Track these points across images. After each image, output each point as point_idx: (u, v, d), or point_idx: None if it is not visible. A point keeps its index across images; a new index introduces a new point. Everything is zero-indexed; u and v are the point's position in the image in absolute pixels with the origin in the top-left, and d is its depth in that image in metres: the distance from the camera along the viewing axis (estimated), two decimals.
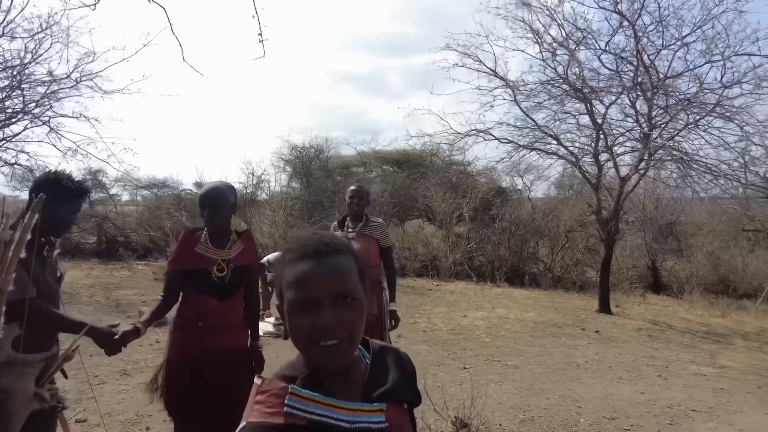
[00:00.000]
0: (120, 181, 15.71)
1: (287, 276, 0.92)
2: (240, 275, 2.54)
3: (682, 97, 8.16)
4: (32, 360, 1.91)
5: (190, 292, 2.49)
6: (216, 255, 2.51)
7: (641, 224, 13.68)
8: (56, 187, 2.02)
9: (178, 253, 2.55)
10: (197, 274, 2.47)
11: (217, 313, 2.45)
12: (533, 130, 9.65)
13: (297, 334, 0.90)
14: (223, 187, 2.57)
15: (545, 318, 8.29)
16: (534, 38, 8.91)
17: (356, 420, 0.89)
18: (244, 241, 2.62)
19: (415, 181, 16.28)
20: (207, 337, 2.42)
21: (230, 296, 2.51)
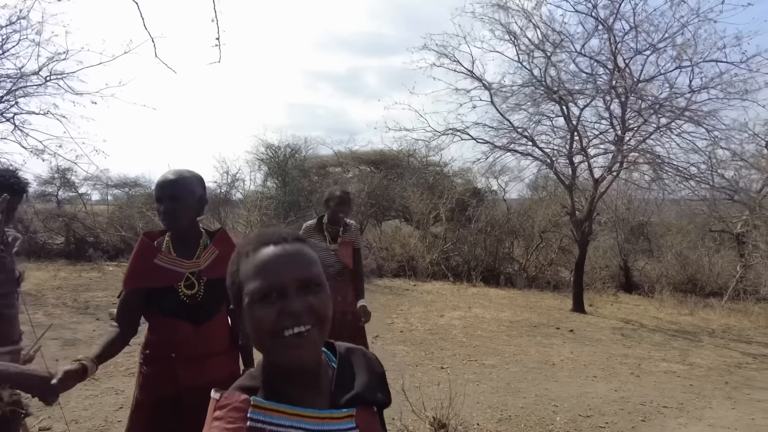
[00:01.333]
0: (90, 180, 15.30)
1: (247, 268, 0.85)
2: (216, 290, 1.88)
3: (654, 100, 8.35)
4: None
5: (156, 317, 1.93)
6: (181, 267, 1.93)
7: (613, 225, 13.97)
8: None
9: (132, 268, 1.94)
10: (161, 294, 1.90)
11: (193, 341, 1.91)
12: (509, 131, 9.74)
13: (259, 327, 0.82)
14: (188, 174, 1.95)
15: (521, 317, 8.37)
16: (511, 40, 9.00)
17: (325, 429, 0.84)
18: (218, 244, 2.01)
19: (392, 182, 16.29)
20: (184, 372, 1.89)
21: (208, 318, 1.94)
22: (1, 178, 1.98)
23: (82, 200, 15.08)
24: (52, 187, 16.43)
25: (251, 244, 0.88)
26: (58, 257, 12.34)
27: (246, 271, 0.85)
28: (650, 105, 8.30)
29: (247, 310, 0.84)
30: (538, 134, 9.83)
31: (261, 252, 0.85)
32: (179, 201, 1.88)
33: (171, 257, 1.93)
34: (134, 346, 2.02)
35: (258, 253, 0.85)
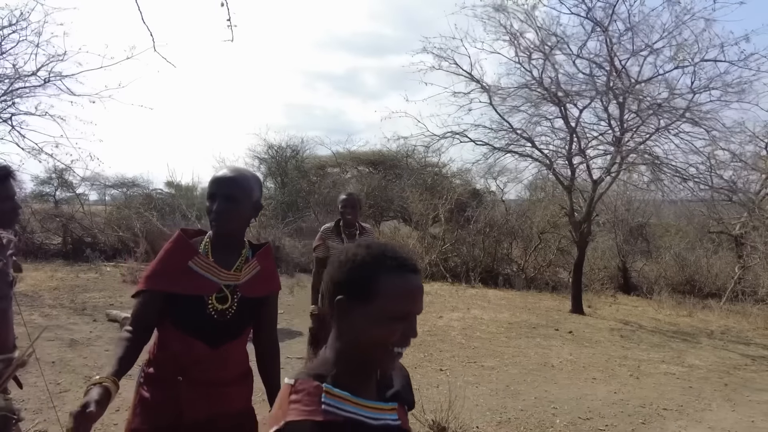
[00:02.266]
0: (87, 181, 15.25)
1: (392, 284, 0.96)
2: (249, 311, 1.72)
3: (652, 101, 8.35)
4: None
5: (169, 330, 1.67)
6: (218, 276, 1.67)
7: (612, 226, 13.97)
8: None
9: (159, 266, 1.69)
10: (186, 303, 1.64)
11: (206, 364, 1.65)
12: (508, 133, 9.73)
13: (381, 338, 0.96)
14: (247, 174, 1.75)
15: (519, 319, 8.35)
16: (510, 41, 8.99)
17: (378, 417, 0.97)
18: (262, 260, 1.77)
19: (391, 182, 16.29)
20: (190, 400, 1.63)
21: (229, 341, 1.69)
22: None
23: (79, 200, 15.03)
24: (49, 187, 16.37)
25: (395, 261, 0.99)
26: (55, 258, 12.30)
27: (390, 286, 0.96)
28: (648, 106, 8.29)
29: (379, 319, 0.96)
30: (537, 135, 9.83)
31: (408, 277, 0.99)
32: (235, 202, 1.66)
33: (208, 263, 1.67)
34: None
35: (406, 276, 0.98)
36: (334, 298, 1.00)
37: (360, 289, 0.97)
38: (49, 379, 4.30)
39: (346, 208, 3.67)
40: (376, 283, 0.96)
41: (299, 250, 12.48)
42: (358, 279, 0.98)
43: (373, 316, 0.96)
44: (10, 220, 2.02)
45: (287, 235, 13.19)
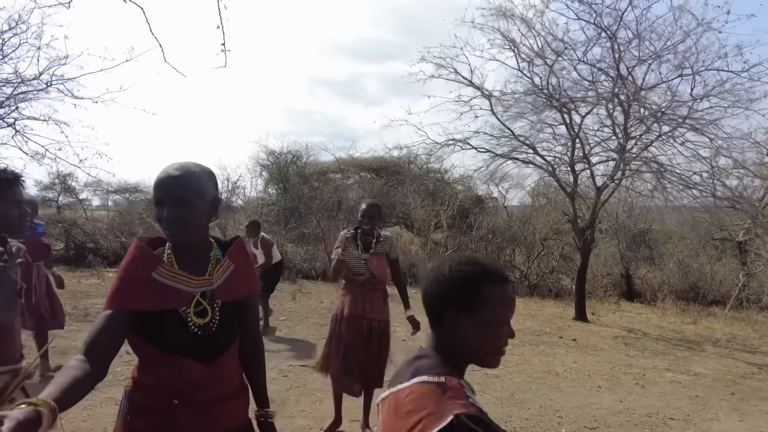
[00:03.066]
0: (90, 186, 15.30)
1: (499, 296, 1.11)
2: (233, 316, 1.55)
3: (656, 108, 8.34)
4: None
5: (153, 353, 1.46)
6: (189, 285, 1.48)
7: (615, 232, 13.94)
8: None
9: (122, 282, 1.45)
10: (161, 321, 1.44)
11: (202, 383, 1.48)
12: (510, 140, 9.73)
13: (496, 342, 1.12)
14: (196, 169, 1.49)
15: (523, 326, 8.31)
16: (511, 48, 9.00)
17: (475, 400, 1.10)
18: (234, 258, 1.60)
19: (393, 188, 16.28)
20: (189, 423, 1.47)
21: (222, 353, 1.52)
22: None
23: (82, 206, 15.06)
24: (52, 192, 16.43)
25: (496, 274, 1.13)
26: (57, 263, 12.22)
27: (495, 297, 1.10)
28: (652, 113, 8.28)
29: (488, 326, 1.11)
30: (539, 142, 9.82)
31: (508, 287, 1.13)
32: (187, 206, 1.43)
33: (175, 272, 1.47)
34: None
35: (506, 287, 1.13)
36: (440, 311, 1.13)
37: (468, 302, 1.10)
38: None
39: (364, 218, 3.70)
40: (483, 295, 1.10)
41: (301, 256, 12.45)
42: (467, 293, 1.11)
43: (483, 324, 1.10)
44: (18, 225, 1.99)
45: (289, 241, 13.17)
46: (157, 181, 1.46)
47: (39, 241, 4.72)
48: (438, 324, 1.14)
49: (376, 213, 3.74)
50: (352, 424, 3.99)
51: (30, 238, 4.38)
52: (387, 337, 3.76)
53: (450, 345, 1.14)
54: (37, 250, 4.56)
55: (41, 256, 4.71)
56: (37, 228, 4.77)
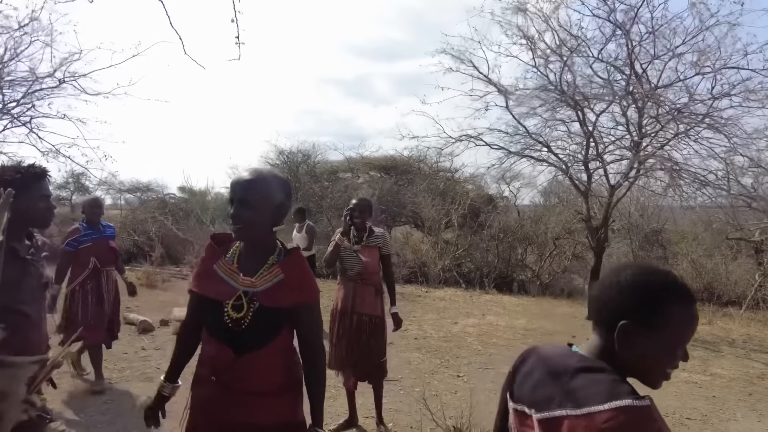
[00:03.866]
0: (103, 185, 15.42)
1: (682, 314, 1.02)
2: (268, 321, 1.64)
3: (672, 107, 8.25)
4: (22, 362, 1.77)
5: (204, 333, 1.74)
6: (236, 282, 1.66)
7: (627, 232, 13.82)
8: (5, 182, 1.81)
9: (198, 268, 1.80)
10: (209, 307, 1.69)
11: (233, 371, 1.64)
12: (524, 137, 9.68)
13: (666, 364, 1.06)
14: (268, 176, 1.67)
15: (536, 325, 8.27)
16: (528, 44, 8.95)
17: None
18: (286, 268, 1.68)
19: (403, 187, 16.25)
20: (221, 403, 1.66)
21: (253, 350, 1.63)
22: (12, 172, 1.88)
23: None
24: (66, 191, 16.61)
25: (683, 290, 1.04)
26: None
27: (681, 316, 1.02)
28: (668, 111, 8.19)
29: (666, 347, 1.03)
30: (553, 140, 9.77)
31: (694, 307, 1.05)
32: (250, 207, 1.60)
33: (230, 267, 1.69)
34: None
35: (692, 306, 1.04)
36: (613, 321, 1.04)
37: (650, 317, 1.01)
38: (67, 383, 4.32)
39: (353, 212, 3.78)
40: (668, 312, 1.01)
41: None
42: (649, 306, 1.02)
43: (661, 343, 1.02)
44: (46, 219, 2.00)
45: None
46: (232, 181, 1.67)
47: (107, 244, 4.42)
48: (607, 331, 1.05)
49: (365, 208, 3.83)
50: (366, 420, 3.99)
51: (97, 242, 4.26)
52: (380, 333, 3.75)
53: (621, 357, 1.04)
54: (105, 254, 4.34)
55: (110, 261, 4.42)
56: (105, 230, 4.44)
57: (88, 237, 4.24)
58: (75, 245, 4.19)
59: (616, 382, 0.99)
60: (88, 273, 4.21)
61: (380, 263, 3.84)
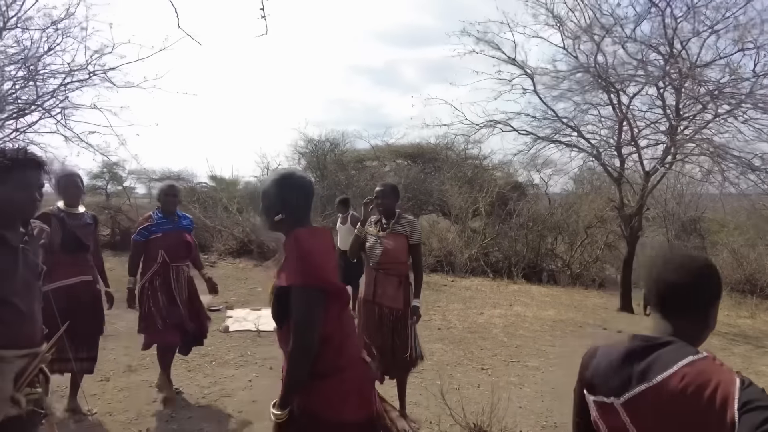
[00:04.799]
0: (134, 174, 15.74)
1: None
2: (278, 301, 1.75)
3: (713, 86, 7.75)
4: (9, 356, 1.71)
5: None
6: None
7: (663, 220, 13.29)
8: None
9: None
10: None
11: (280, 346, 1.91)
12: (553, 122, 9.32)
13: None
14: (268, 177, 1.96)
15: (565, 316, 8.01)
16: (556, 25, 8.56)
17: None
18: (285, 249, 1.81)
19: (430, 175, 16.04)
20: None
21: (278, 327, 1.82)
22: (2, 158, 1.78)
23: (126, 193, 15.54)
24: (101, 181, 17.03)
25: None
26: (104, 248, 12.69)
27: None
28: (709, 91, 7.70)
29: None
30: (584, 124, 9.38)
31: None
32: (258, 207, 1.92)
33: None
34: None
35: None
36: (706, 304, 1.21)
37: (719, 294, 1.23)
38: None
39: (377, 199, 3.67)
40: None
41: None
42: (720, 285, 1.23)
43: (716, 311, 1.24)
44: (27, 210, 1.88)
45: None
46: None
47: (181, 237, 3.94)
48: (689, 313, 1.21)
49: (389, 193, 3.67)
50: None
51: (169, 233, 3.83)
52: (402, 327, 3.56)
53: (698, 333, 1.21)
54: (177, 247, 3.87)
55: (182, 256, 3.93)
56: (181, 221, 3.99)
57: (160, 227, 3.83)
58: (145, 235, 3.81)
59: (682, 347, 1.12)
60: (156, 268, 3.79)
61: (408, 252, 3.64)
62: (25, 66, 9.29)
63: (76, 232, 3.44)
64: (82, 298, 3.45)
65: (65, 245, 3.34)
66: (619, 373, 1.17)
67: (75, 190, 3.51)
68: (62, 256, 3.29)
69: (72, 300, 3.29)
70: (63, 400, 3.53)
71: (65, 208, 3.47)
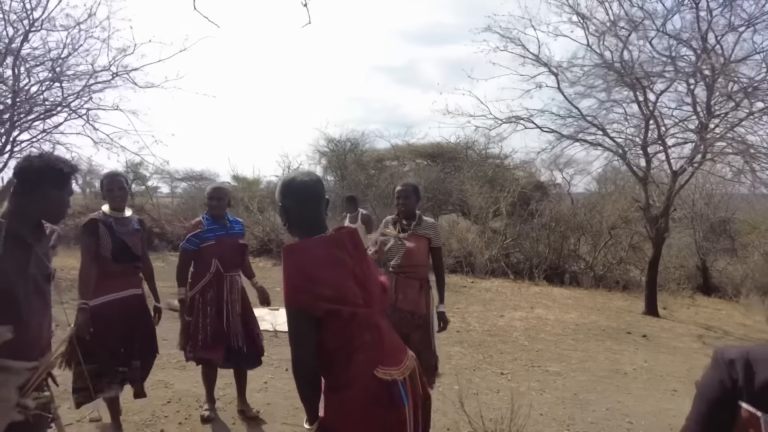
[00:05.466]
0: (157, 174, 15.98)
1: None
2: None
3: (747, 83, 7.43)
4: (17, 368, 1.68)
5: None
6: None
7: (690, 221, 12.89)
8: (49, 171, 1.80)
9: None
10: None
11: None
12: (577, 120, 9.10)
13: None
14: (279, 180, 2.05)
15: (588, 320, 7.81)
16: (580, 22, 8.35)
17: None
18: None
19: (450, 175, 15.89)
20: None
21: None
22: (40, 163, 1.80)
23: (149, 192, 15.78)
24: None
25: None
26: None
27: None
28: (743, 88, 7.39)
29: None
30: (609, 123, 9.13)
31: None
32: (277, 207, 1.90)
33: None
34: None
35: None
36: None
37: None
38: None
39: (399, 199, 3.58)
40: None
41: None
42: None
43: None
44: (60, 215, 1.91)
45: None
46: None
47: (234, 243, 3.60)
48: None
49: (410, 192, 3.55)
50: None
51: (222, 240, 3.51)
52: (424, 333, 3.45)
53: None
54: (231, 255, 3.55)
55: (236, 264, 3.61)
56: (233, 226, 3.65)
57: (212, 234, 3.49)
58: (196, 243, 3.48)
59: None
60: (209, 278, 3.48)
61: (429, 255, 3.56)
62: (51, 68, 9.48)
63: (125, 240, 3.15)
64: (136, 313, 3.21)
65: (116, 255, 3.09)
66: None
67: (120, 192, 3.19)
68: (112, 267, 3.07)
69: (126, 315, 3.12)
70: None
71: (111, 212, 3.17)
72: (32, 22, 8.89)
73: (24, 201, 1.79)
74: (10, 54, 8.83)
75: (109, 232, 3.10)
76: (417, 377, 1.80)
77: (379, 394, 1.66)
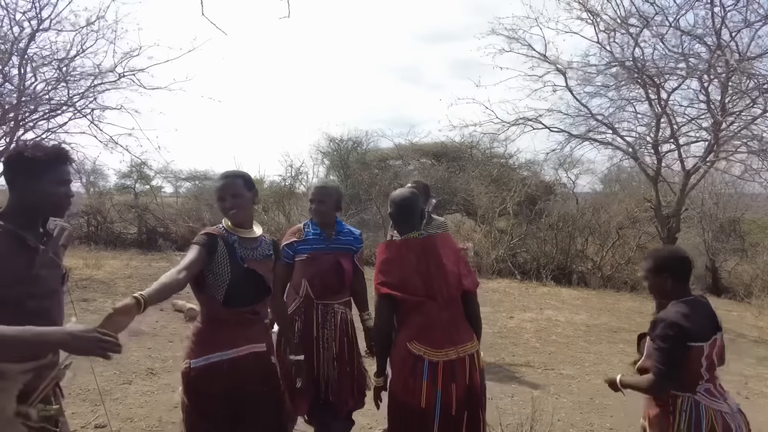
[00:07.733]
0: (161, 173, 15.86)
1: None
2: None
3: (763, 80, 7.30)
4: (11, 371, 1.56)
5: None
6: None
7: (699, 221, 12.75)
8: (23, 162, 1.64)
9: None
10: None
11: None
12: (587, 119, 8.97)
13: None
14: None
15: (598, 321, 7.69)
16: (589, 19, 8.22)
17: None
18: None
19: (454, 174, 15.76)
20: None
21: None
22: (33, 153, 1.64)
23: (153, 192, 15.69)
24: (130, 180, 17.25)
25: None
26: (131, 246, 12.87)
27: None
28: (758, 85, 7.25)
29: None
30: (619, 122, 9.01)
31: None
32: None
33: None
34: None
35: None
36: None
37: None
38: (113, 370, 4.27)
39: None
40: None
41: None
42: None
43: None
44: (62, 206, 1.76)
45: None
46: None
47: (336, 261, 2.78)
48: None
49: (422, 192, 3.16)
50: None
51: (319, 255, 2.74)
52: None
53: None
54: (326, 276, 2.74)
55: (335, 290, 2.79)
56: (340, 237, 2.86)
57: (308, 246, 2.75)
58: (289, 254, 2.75)
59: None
60: (298, 304, 2.74)
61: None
62: (58, 67, 9.39)
63: (255, 270, 2.15)
64: (252, 379, 2.09)
65: (236, 291, 2.09)
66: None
67: (238, 201, 2.21)
68: (223, 310, 2.09)
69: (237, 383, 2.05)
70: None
71: (235, 229, 2.21)
72: (40, 21, 8.82)
73: (12, 198, 1.67)
74: (17, 53, 8.76)
75: (229, 257, 2.13)
76: (466, 368, 2.23)
77: (407, 362, 2.21)
